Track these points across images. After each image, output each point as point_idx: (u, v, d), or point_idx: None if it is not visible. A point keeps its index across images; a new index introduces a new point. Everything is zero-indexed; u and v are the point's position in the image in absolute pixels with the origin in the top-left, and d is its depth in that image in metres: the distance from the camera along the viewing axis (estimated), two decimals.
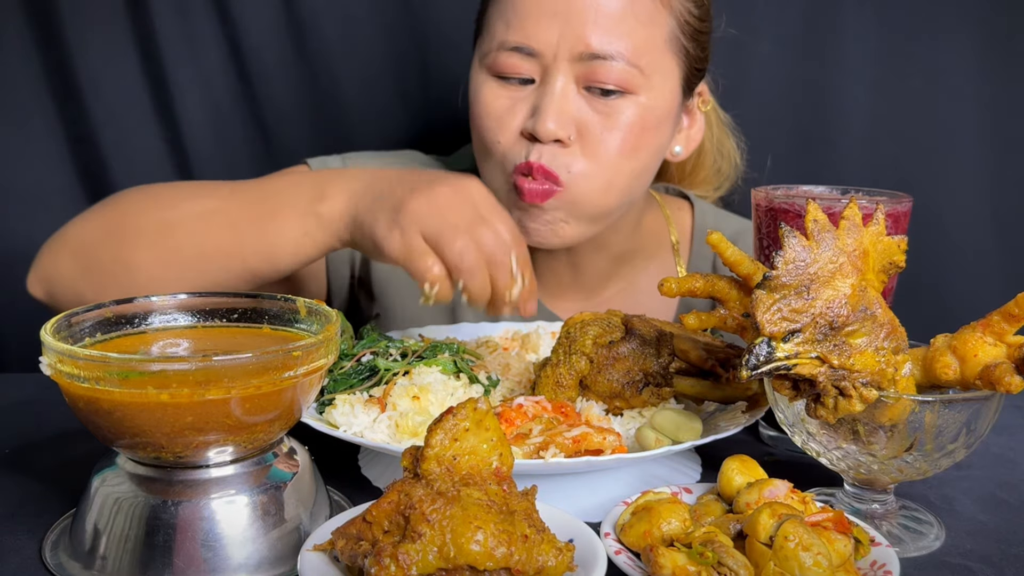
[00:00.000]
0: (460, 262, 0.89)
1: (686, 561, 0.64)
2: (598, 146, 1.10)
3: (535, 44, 1.08)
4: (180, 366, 0.64)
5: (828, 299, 0.69)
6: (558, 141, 1.09)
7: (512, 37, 1.10)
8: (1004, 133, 1.60)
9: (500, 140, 1.12)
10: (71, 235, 1.06)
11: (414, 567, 0.58)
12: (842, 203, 0.88)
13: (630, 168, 1.13)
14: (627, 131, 1.10)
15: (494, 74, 1.13)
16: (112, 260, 1.01)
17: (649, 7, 1.10)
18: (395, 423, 0.84)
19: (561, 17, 1.07)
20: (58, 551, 0.73)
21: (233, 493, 0.70)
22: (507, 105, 1.12)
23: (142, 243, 1.00)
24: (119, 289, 1.00)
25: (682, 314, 0.82)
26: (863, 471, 0.77)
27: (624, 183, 1.14)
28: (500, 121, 1.12)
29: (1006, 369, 0.69)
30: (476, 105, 1.15)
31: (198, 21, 1.57)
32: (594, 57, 1.07)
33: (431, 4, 1.61)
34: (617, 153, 1.11)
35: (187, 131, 1.60)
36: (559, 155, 1.09)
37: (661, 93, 1.13)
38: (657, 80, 1.12)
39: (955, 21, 1.57)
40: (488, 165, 1.16)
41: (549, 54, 1.08)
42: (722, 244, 0.76)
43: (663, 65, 1.12)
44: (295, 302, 0.81)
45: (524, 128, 1.11)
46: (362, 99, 1.63)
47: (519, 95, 1.12)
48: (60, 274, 1.05)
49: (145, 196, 1.06)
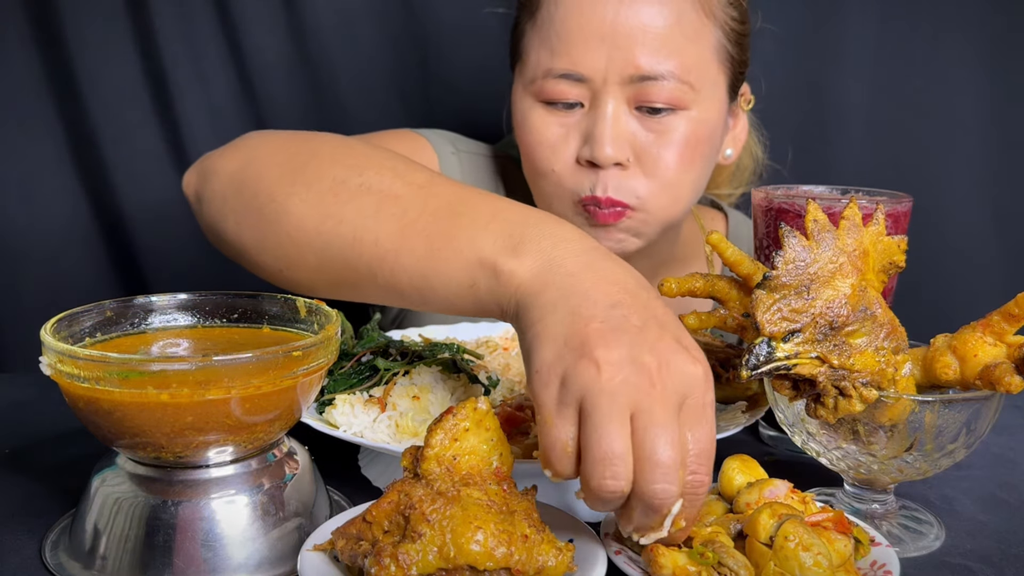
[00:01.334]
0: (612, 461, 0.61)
1: (686, 561, 0.64)
2: (657, 164, 1.09)
3: (584, 70, 1.07)
4: (180, 366, 0.64)
5: (828, 299, 0.69)
6: (618, 164, 1.08)
7: (559, 64, 1.08)
8: (1004, 133, 1.60)
9: (555, 169, 1.11)
10: (254, 146, 0.95)
11: (414, 567, 0.58)
12: (842, 203, 0.88)
13: (691, 180, 1.13)
14: (683, 146, 1.10)
15: (541, 100, 1.11)
16: (269, 193, 0.88)
17: (695, 22, 1.09)
18: (395, 423, 0.84)
19: (608, 41, 1.05)
20: (58, 551, 0.73)
21: (233, 493, 0.70)
22: (560, 133, 1.11)
23: (309, 194, 0.85)
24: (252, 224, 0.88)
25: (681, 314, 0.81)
26: (863, 471, 0.77)
27: (688, 195, 1.15)
28: (554, 150, 1.11)
29: (1006, 369, 0.69)
30: (527, 134, 1.13)
31: (198, 21, 1.57)
32: (644, 79, 1.06)
33: (431, 4, 1.61)
34: (676, 168, 1.10)
35: (187, 131, 1.60)
36: (623, 181, 1.09)
37: (711, 104, 1.12)
38: (706, 92, 1.11)
39: (955, 21, 1.57)
40: (545, 189, 1.15)
41: (599, 79, 1.07)
42: (722, 244, 0.76)
43: (711, 77, 1.11)
44: (295, 302, 0.81)
45: (580, 156, 1.10)
46: (362, 99, 1.63)
47: (569, 121, 1.10)
48: (221, 172, 0.94)
49: (338, 146, 0.91)
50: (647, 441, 0.59)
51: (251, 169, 0.90)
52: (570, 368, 0.62)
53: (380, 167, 0.85)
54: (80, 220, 1.63)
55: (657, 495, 0.60)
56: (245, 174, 0.91)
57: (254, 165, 0.91)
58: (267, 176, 0.88)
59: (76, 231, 1.63)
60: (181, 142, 1.60)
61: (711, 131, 1.13)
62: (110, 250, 1.66)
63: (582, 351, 0.62)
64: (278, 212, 0.86)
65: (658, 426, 0.60)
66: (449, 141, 1.29)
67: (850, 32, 1.58)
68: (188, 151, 1.60)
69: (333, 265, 0.84)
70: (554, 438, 0.61)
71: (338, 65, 1.61)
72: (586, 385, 0.60)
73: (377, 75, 1.63)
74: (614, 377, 0.60)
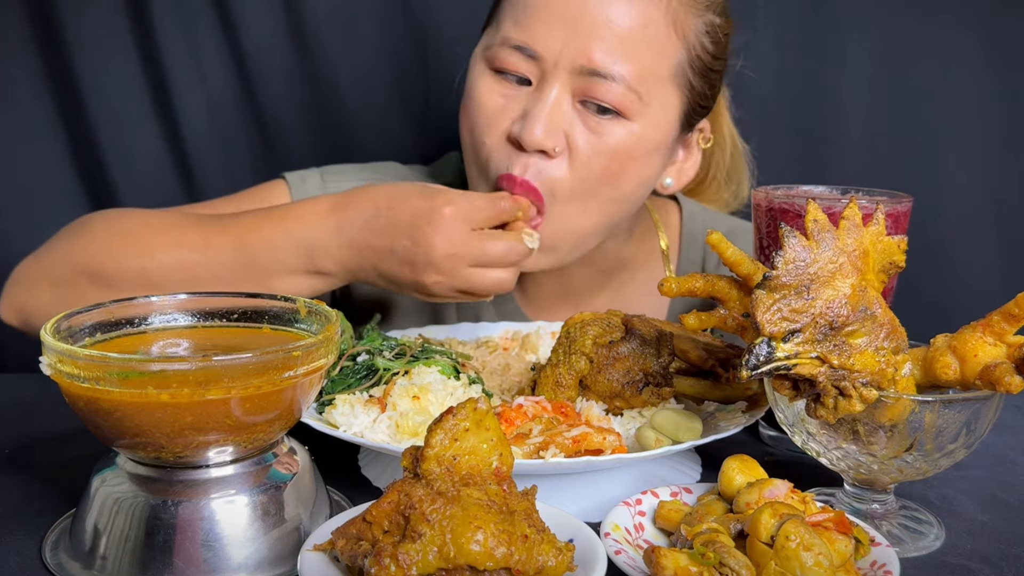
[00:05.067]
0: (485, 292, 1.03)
1: (688, 562, 0.64)
2: (582, 165, 1.07)
3: (538, 47, 1.06)
4: (180, 366, 0.64)
5: (828, 299, 0.69)
6: (543, 152, 1.06)
7: (517, 35, 1.07)
8: (1004, 133, 1.60)
9: (486, 141, 1.10)
10: (47, 267, 1.07)
11: (414, 567, 0.58)
12: (842, 203, 0.88)
13: (609, 195, 1.10)
14: (613, 157, 1.07)
15: (492, 68, 1.10)
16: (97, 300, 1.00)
17: (662, 34, 1.07)
18: (395, 423, 0.84)
19: (570, 25, 1.04)
20: (58, 551, 0.73)
21: (233, 493, 0.70)
22: (500, 104, 1.09)
23: (125, 289, 1.02)
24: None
25: (681, 314, 0.81)
26: (863, 471, 0.77)
27: (600, 208, 1.11)
28: (490, 120, 1.09)
29: (1006, 369, 0.69)
30: (469, 100, 1.12)
31: (198, 21, 1.58)
32: (594, 73, 1.04)
33: (431, 5, 1.61)
34: (599, 177, 1.08)
35: (187, 131, 1.60)
36: (543, 169, 1.06)
37: (656, 124, 1.09)
38: (654, 110, 1.08)
39: (955, 21, 1.57)
40: (472, 165, 1.14)
41: (550, 60, 1.05)
42: (722, 244, 0.76)
43: (663, 96, 1.09)
44: (295, 302, 0.81)
45: (511, 132, 1.07)
46: (362, 99, 1.63)
47: (513, 94, 1.09)
48: (37, 304, 1.06)
49: (117, 235, 1.07)
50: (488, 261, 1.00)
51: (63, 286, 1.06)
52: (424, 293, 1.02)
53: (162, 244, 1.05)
54: None
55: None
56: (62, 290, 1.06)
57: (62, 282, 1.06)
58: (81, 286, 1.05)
59: None
60: (181, 142, 1.60)
61: (648, 152, 1.10)
62: None
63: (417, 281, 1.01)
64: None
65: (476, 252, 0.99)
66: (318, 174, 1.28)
67: (850, 32, 1.58)
68: (188, 151, 1.60)
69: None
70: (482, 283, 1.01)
71: (338, 65, 1.61)
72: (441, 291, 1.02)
73: (377, 75, 1.63)
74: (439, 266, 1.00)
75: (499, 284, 1.01)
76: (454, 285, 1.00)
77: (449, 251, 0.98)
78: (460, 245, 0.98)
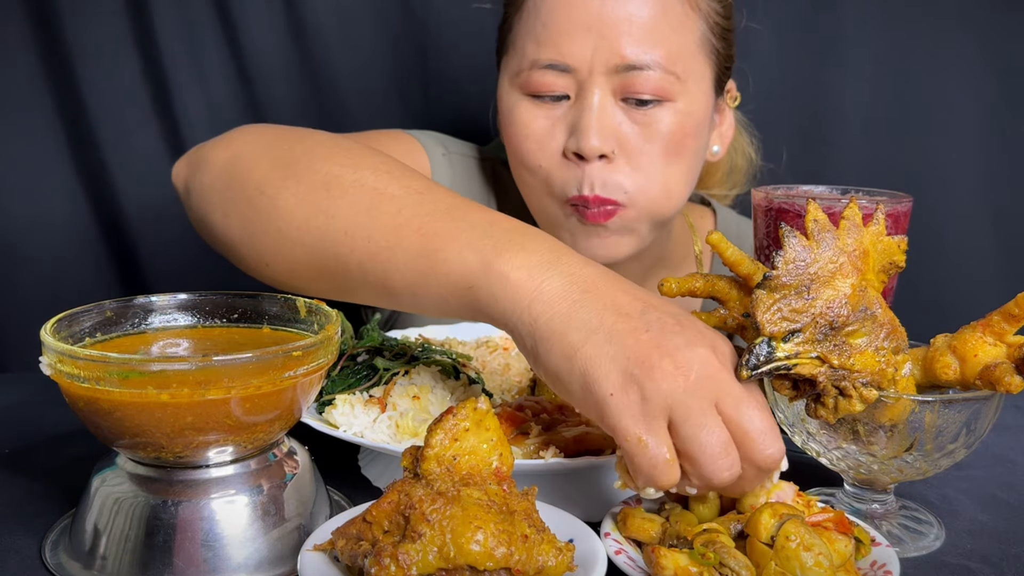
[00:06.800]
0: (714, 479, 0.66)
1: (688, 562, 0.64)
2: (641, 157, 1.09)
3: (569, 60, 1.07)
4: (180, 366, 0.64)
5: (828, 299, 0.69)
6: (603, 157, 1.08)
7: (545, 55, 1.08)
8: (1004, 133, 1.60)
9: (543, 164, 1.11)
10: (247, 139, 0.93)
11: (414, 567, 0.58)
12: (842, 203, 0.88)
13: (680, 173, 1.13)
14: (669, 139, 1.09)
15: (527, 93, 1.11)
16: (259, 186, 0.86)
17: (679, 12, 1.09)
18: (395, 423, 0.84)
19: (595, 31, 1.06)
20: (58, 551, 0.73)
21: (233, 493, 0.70)
22: (545, 126, 1.10)
23: (300, 187, 0.84)
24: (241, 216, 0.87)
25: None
26: (863, 471, 0.77)
27: (679, 189, 1.14)
28: (540, 144, 1.10)
29: (1006, 369, 0.69)
30: (512, 127, 1.13)
31: (198, 21, 1.57)
32: (630, 68, 1.06)
33: (431, 5, 1.61)
34: (663, 161, 1.10)
35: (187, 131, 1.60)
36: (609, 176, 1.08)
37: (697, 97, 1.12)
38: (692, 85, 1.11)
39: (955, 21, 1.57)
40: (534, 186, 1.14)
41: (584, 69, 1.07)
42: (722, 244, 0.76)
43: (697, 69, 1.11)
44: (295, 302, 0.81)
45: (566, 148, 1.09)
46: (362, 99, 1.63)
47: (556, 113, 1.10)
48: (212, 163, 0.93)
49: (333, 144, 0.90)
50: (743, 420, 0.65)
51: (242, 161, 0.89)
52: (646, 384, 0.65)
53: (375, 167, 0.84)
54: (80, 220, 1.63)
55: (769, 459, 0.66)
56: (236, 166, 0.89)
57: (245, 157, 0.89)
58: (258, 169, 0.87)
59: (76, 231, 1.63)
60: (181, 142, 1.60)
61: (697, 124, 1.13)
62: (110, 250, 1.66)
63: (650, 364, 0.65)
64: (268, 205, 0.85)
65: (742, 403, 0.66)
66: (440, 143, 1.28)
67: (849, 32, 1.58)
68: (188, 151, 1.60)
69: (322, 261, 0.83)
70: (653, 454, 0.65)
71: (338, 65, 1.61)
72: (670, 394, 0.64)
73: (377, 75, 1.63)
74: (689, 375, 0.65)
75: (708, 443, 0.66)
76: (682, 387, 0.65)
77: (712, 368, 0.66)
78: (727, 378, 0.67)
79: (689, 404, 0.64)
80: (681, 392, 0.64)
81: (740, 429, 0.65)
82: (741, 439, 0.66)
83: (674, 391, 0.64)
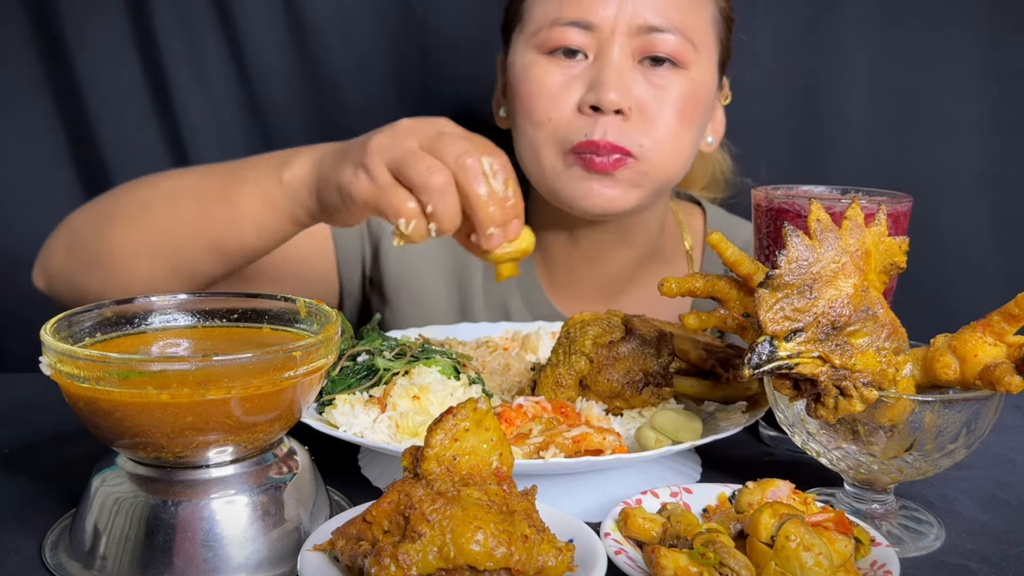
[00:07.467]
0: (427, 181, 0.81)
1: (688, 562, 0.64)
2: (657, 119, 1.13)
3: (592, 18, 1.11)
4: (180, 366, 0.64)
5: (830, 299, 0.69)
6: (619, 112, 1.11)
7: (568, 13, 1.12)
8: (1004, 133, 1.60)
9: (552, 116, 1.13)
10: (68, 223, 1.10)
11: (414, 567, 0.58)
12: (842, 203, 0.88)
13: (690, 138, 1.17)
14: (681, 102, 1.13)
15: (546, 51, 1.14)
16: (95, 240, 1.05)
17: None
18: (395, 423, 0.84)
19: None
20: (58, 551, 0.73)
21: (233, 493, 0.70)
22: (561, 82, 1.13)
23: (123, 223, 1.03)
24: (99, 270, 1.04)
25: (681, 314, 0.81)
26: (863, 471, 0.77)
27: (687, 153, 1.17)
28: (555, 98, 1.13)
29: (1006, 369, 0.69)
30: (526, 84, 1.15)
31: (198, 21, 1.57)
32: (651, 30, 1.11)
33: (431, 4, 1.61)
34: (675, 124, 1.14)
35: (187, 131, 1.60)
36: (624, 130, 1.11)
37: (708, 70, 1.17)
38: (705, 57, 1.16)
39: (955, 21, 1.57)
40: (537, 139, 1.15)
41: (607, 28, 1.11)
42: (722, 244, 0.76)
43: (709, 44, 1.17)
44: (295, 302, 0.81)
45: (582, 102, 1.12)
46: (362, 100, 1.63)
47: (572, 71, 1.13)
48: (54, 260, 1.10)
49: (136, 181, 1.09)
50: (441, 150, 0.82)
51: (73, 235, 1.09)
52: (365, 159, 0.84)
53: (169, 176, 1.07)
54: None
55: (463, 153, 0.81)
56: (72, 240, 1.09)
57: (74, 232, 1.09)
58: (88, 230, 1.07)
59: None
60: (181, 142, 1.60)
61: (707, 96, 1.17)
62: None
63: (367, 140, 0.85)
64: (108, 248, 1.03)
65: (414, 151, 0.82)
66: None
67: (849, 32, 1.58)
68: (188, 151, 1.60)
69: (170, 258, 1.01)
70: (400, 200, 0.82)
71: (338, 65, 1.61)
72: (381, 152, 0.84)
73: (377, 75, 1.63)
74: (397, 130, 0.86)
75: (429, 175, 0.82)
76: (392, 156, 0.83)
77: (412, 123, 0.87)
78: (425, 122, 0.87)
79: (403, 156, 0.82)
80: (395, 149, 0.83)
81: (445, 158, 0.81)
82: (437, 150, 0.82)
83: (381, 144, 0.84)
